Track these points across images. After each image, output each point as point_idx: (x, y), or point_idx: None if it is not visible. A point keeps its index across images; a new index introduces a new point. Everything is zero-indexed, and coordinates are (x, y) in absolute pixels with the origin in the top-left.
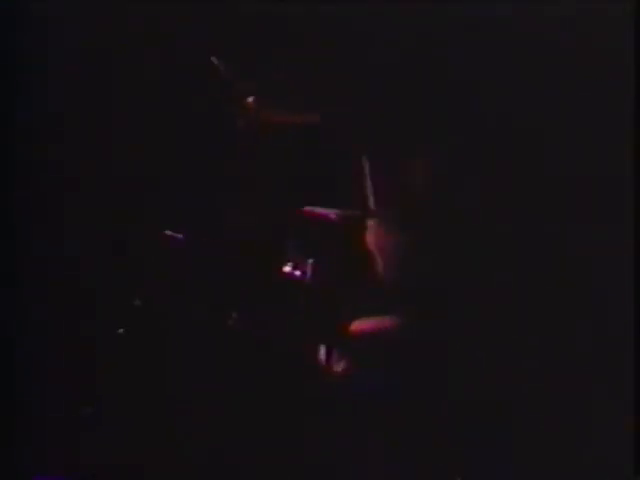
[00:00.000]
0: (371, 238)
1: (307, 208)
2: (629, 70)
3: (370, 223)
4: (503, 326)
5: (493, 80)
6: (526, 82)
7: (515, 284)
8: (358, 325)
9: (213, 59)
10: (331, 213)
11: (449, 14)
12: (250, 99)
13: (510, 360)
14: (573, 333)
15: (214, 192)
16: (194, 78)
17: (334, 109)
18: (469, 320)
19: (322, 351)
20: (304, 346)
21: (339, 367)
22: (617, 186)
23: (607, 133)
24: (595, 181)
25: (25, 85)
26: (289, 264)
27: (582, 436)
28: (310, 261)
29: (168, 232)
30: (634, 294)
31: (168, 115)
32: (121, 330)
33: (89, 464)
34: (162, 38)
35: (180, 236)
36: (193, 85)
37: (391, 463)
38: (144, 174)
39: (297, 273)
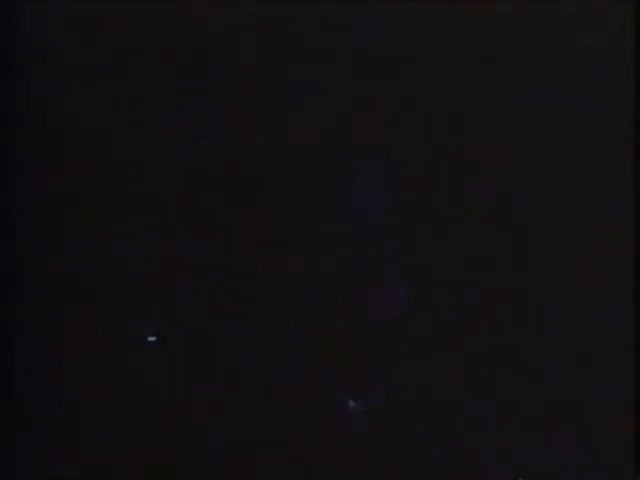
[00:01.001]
0: None
1: None
2: (629, 70)
3: None
4: (502, 325)
5: (492, 80)
6: (526, 82)
7: (514, 284)
8: None
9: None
10: None
11: (448, 13)
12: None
13: (509, 360)
14: (573, 333)
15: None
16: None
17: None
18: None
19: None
20: None
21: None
22: (617, 186)
23: (607, 133)
24: (595, 181)
25: (25, 84)
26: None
27: (582, 436)
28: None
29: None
30: (634, 294)
31: (168, 120)
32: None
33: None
34: (163, 38)
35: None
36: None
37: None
38: (145, 175)
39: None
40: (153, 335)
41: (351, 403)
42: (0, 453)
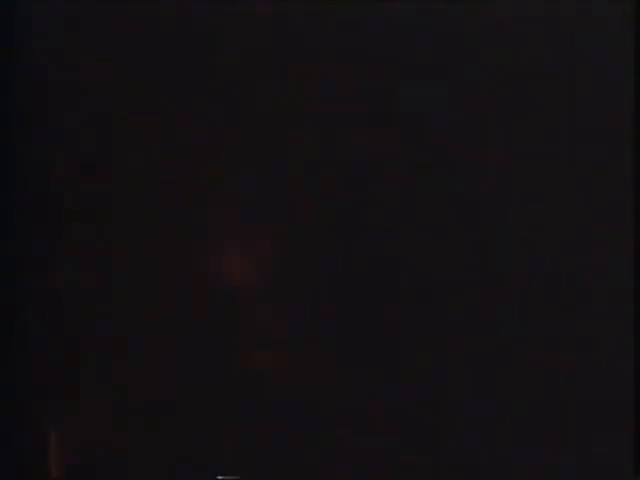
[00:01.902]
0: None
1: None
2: (629, 70)
3: None
4: (501, 326)
5: (491, 80)
6: (525, 82)
7: (513, 284)
8: None
9: None
10: None
11: (454, 12)
12: None
13: (509, 360)
14: (572, 333)
15: None
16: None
17: None
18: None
19: None
20: None
21: None
22: (617, 186)
23: (607, 133)
24: (595, 181)
25: (26, 84)
26: None
27: (582, 436)
28: None
29: None
30: (634, 294)
31: (169, 122)
32: None
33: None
34: (164, 38)
35: None
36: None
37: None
38: (145, 175)
39: None
40: None
41: None
42: (0, 453)
